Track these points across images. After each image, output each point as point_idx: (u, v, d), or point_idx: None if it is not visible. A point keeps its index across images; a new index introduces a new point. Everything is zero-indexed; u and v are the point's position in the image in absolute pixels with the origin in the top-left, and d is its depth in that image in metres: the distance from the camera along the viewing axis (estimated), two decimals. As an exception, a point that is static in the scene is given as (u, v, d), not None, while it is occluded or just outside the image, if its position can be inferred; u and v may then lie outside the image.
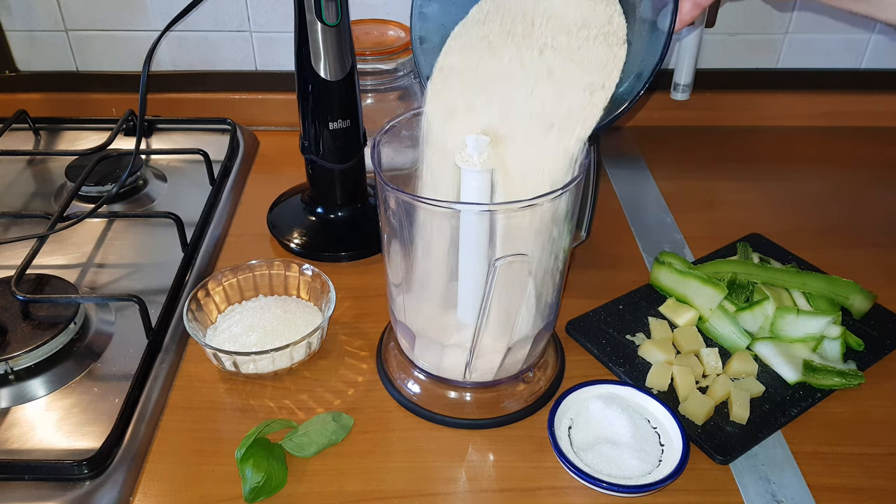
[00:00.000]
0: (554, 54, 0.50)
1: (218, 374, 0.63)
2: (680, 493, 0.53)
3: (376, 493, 0.53)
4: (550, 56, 0.50)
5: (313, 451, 0.55)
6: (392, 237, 0.56)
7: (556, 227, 0.53)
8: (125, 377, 0.61)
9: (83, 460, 0.53)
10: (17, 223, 0.80)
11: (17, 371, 0.61)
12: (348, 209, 0.79)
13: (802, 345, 0.63)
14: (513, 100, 0.50)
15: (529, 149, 0.50)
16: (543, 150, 0.49)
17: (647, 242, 0.79)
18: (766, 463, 0.56)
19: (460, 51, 0.53)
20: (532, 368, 0.61)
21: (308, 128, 0.73)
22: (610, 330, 0.66)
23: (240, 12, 0.94)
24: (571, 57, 0.49)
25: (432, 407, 0.59)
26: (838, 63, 0.99)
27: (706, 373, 0.62)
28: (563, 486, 0.54)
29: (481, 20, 0.53)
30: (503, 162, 0.50)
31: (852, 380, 0.60)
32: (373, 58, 0.80)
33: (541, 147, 0.49)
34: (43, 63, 0.99)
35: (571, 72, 0.49)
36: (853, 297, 0.66)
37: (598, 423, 0.56)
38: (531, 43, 0.50)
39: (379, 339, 0.66)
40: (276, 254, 0.77)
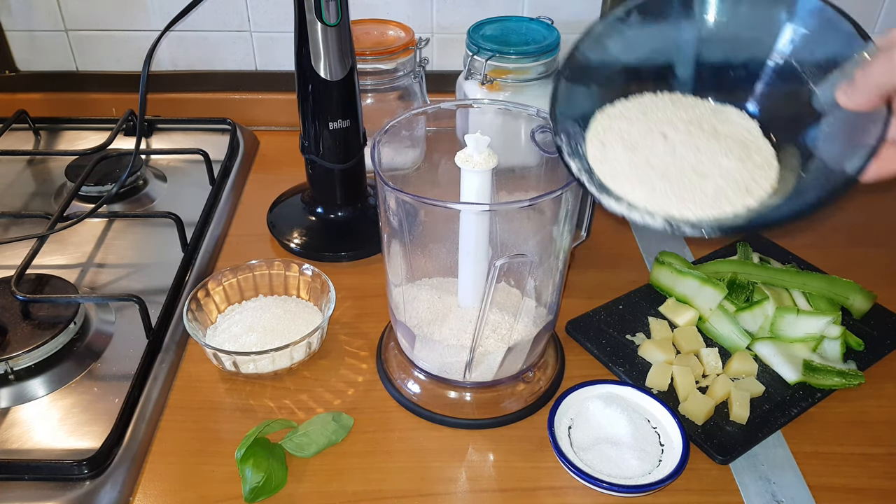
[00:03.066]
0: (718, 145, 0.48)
1: (218, 374, 0.63)
2: (680, 493, 0.53)
3: (376, 492, 0.53)
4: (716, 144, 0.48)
5: (313, 451, 0.55)
6: (392, 237, 0.56)
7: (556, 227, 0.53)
8: (125, 377, 0.61)
9: (83, 460, 0.53)
10: (17, 223, 0.80)
11: (17, 371, 0.61)
12: (348, 209, 0.79)
13: (802, 345, 0.63)
14: (669, 164, 0.48)
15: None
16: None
17: (647, 242, 0.79)
18: (766, 463, 0.56)
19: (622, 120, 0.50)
20: (532, 368, 0.61)
21: (308, 128, 0.73)
22: (610, 330, 0.66)
23: (240, 12, 0.94)
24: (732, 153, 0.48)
25: (432, 407, 0.59)
26: (838, 63, 0.99)
27: (706, 373, 0.62)
28: (563, 486, 0.54)
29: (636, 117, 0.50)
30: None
31: (852, 380, 0.60)
32: (373, 58, 0.80)
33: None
34: (43, 63, 0.98)
35: (732, 164, 0.47)
36: (853, 296, 0.66)
37: (598, 423, 0.56)
38: (696, 138, 0.49)
39: (379, 339, 0.66)
40: (276, 254, 0.77)
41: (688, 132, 0.49)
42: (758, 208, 0.45)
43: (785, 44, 0.48)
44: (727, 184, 0.46)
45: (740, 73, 0.50)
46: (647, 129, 0.49)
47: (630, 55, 0.51)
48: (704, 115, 0.50)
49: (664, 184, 0.46)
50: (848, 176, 0.41)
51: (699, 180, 0.46)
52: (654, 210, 0.44)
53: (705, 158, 0.47)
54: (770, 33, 0.48)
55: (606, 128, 0.49)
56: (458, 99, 0.85)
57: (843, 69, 0.44)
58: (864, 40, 0.43)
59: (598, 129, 0.49)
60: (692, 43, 0.51)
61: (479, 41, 0.78)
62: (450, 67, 0.96)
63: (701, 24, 0.50)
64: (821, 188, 0.42)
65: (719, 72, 0.51)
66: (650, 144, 0.48)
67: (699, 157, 0.47)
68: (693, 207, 0.44)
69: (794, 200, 0.43)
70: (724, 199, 0.45)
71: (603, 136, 0.49)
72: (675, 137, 0.48)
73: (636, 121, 0.50)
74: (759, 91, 0.50)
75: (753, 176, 0.47)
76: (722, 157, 0.47)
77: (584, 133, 0.49)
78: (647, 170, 0.47)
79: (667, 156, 0.47)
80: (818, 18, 0.46)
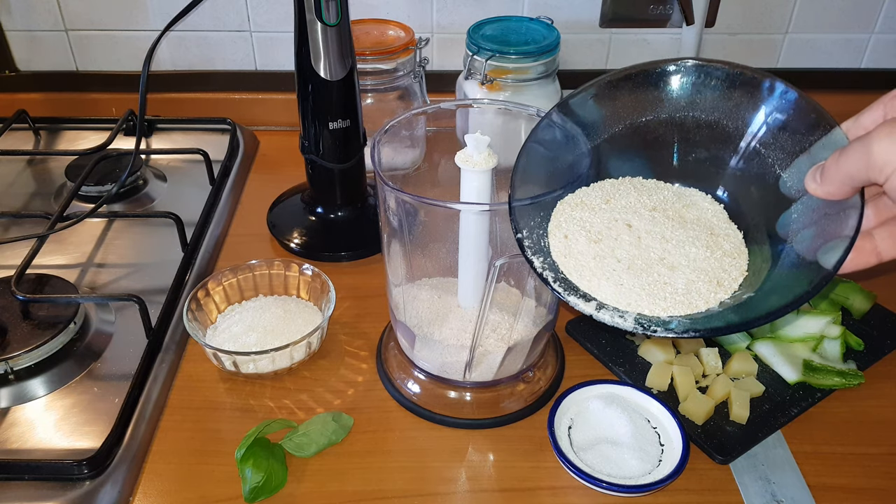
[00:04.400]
0: (685, 239, 0.47)
1: (218, 374, 0.63)
2: (680, 493, 0.53)
3: (376, 492, 0.53)
4: (685, 234, 0.47)
5: (313, 450, 0.55)
6: (392, 237, 0.56)
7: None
8: (125, 377, 0.61)
9: (83, 460, 0.53)
10: (17, 223, 0.80)
11: (17, 371, 0.61)
12: (348, 209, 0.79)
13: (802, 345, 0.63)
14: (635, 256, 0.46)
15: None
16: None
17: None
18: (765, 463, 0.56)
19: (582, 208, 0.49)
20: (532, 368, 0.61)
21: (308, 128, 0.73)
22: (610, 330, 0.66)
23: (240, 12, 0.94)
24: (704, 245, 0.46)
25: (432, 407, 0.59)
26: (838, 63, 0.99)
27: (706, 373, 0.62)
28: (563, 486, 0.54)
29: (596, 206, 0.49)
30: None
31: (852, 380, 0.60)
32: (373, 58, 0.80)
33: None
34: (43, 63, 0.98)
35: (700, 252, 0.46)
36: (853, 296, 0.66)
37: (597, 423, 0.56)
38: (661, 227, 0.47)
39: (379, 339, 0.66)
40: (275, 254, 0.77)
41: (652, 220, 0.47)
42: (731, 302, 0.43)
43: (750, 128, 0.47)
44: (697, 276, 0.44)
45: (703, 156, 0.49)
46: (611, 219, 0.47)
47: (591, 138, 0.50)
48: (669, 199, 0.49)
49: (632, 279, 0.44)
50: (826, 272, 0.39)
51: (668, 273, 0.44)
52: (624, 309, 0.43)
53: (672, 248, 0.46)
54: (735, 117, 0.47)
55: (569, 218, 0.48)
56: (458, 99, 0.85)
57: (811, 154, 0.43)
58: (831, 127, 0.42)
59: (559, 220, 0.48)
60: (655, 126, 0.49)
61: (479, 41, 0.78)
62: (450, 67, 0.96)
63: (660, 109, 0.49)
64: (797, 283, 0.40)
65: (684, 156, 0.50)
66: (615, 235, 0.46)
67: (666, 247, 0.46)
68: (664, 304, 0.43)
69: (771, 297, 0.41)
70: (696, 293, 0.43)
71: (566, 228, 0.47)
72: (639, 226, 0.47)
73: (598, 210, 0.48)
74: (723, 175, 0.48)
75: (723, 265, 0.45)
76: (689, 246, 0.46)
77: (545, 225, 0.47)
78: (613, 263, 0.45)
79: (632, 247, 0.46)
80: (783, 102, 0.45)
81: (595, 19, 0.94)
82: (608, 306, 0.43)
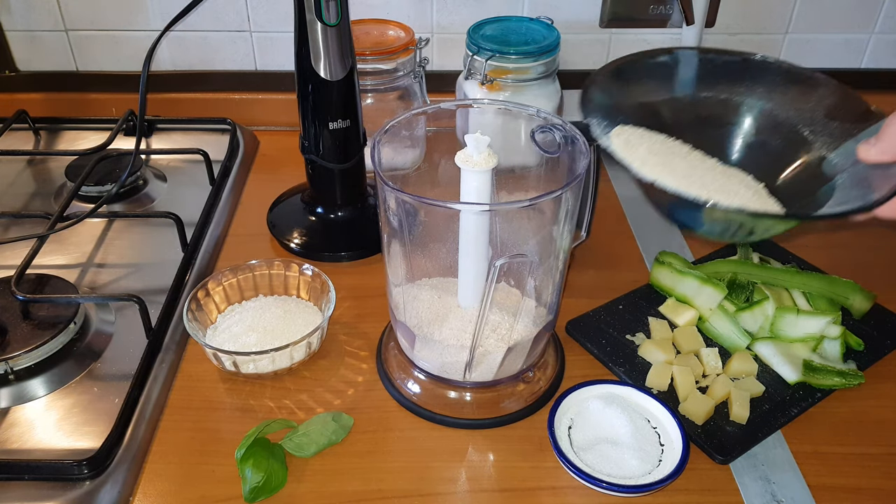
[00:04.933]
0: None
1: (218, 374, 0.63)
2: (680, 493, 0.53)
3: (376, 492, 0.53)
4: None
5: (313, 451, 0.55)
6: (392, 237, 0.56)
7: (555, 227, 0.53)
8: (125, 377, 0.61)
9: (83, 460, 0.53)
10: (17, 223, 0.80)
11: (17, 371, 0.61)
12: (348, 209, 0.79)
13: (802, 345, 0.63)
14: (691, 171, 0.52)
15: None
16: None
17: (647, 242, 0.79)
18: (765, 463, 0.56)
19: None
20: (532, 368, 0.61)
21: (308, 128, 0.73)
22: (610, 330, 0.66)
23: (240, 12, 0.94)
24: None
25: (432, 407, 0.59)
26: (838, 63, 0.99)
27: (706, 373, 0.62)
28: (563, 486, 0.54)
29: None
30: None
31: (852, 380, 0.60)
32: (373, 58, 0.80)
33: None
34: (43, 63, 0.98)
35: (747, 193, 0.52)
36: (853, 296, 0.66)
37: (598, 423, 0.56)
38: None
39: (379, 339, 0.66)
40: (276, 254, 0.77)
41: (703, 161, 0.53)
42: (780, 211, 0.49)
43: (808, 120, 0.53)
44: (748, 192, 0.50)
45: (756, 143, 0.55)
46: (668, 148, 0.52)
47: (665, 93, 0.56)
48: (715, 165, 0.54)
49: (689, 180, 0.49)
50: (869, 202, 0.44)
51: (724, 180, 0.50)
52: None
53: (722, 179, 0.51)
54: (790, 108, 0.54)
55: (630, 133, 0.52)
56: (458, 99, 0.85)
57: (858, 138, 0.49)
58: (880, 118, 0.48)
59: (621, 133, 0.52)
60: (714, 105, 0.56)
61: (479, 41, 0.78)
62: (450, 67, 0.96)
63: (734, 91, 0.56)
64: (843, 204, 0.46)
65: (739, 140, 0.56)
66: (672, 153, 0.51)
67: (715, 177, 0.51)
68: (718, 196, 0.47)
69: (818, 207, 0.48)
70: (747, 199, 0.49)
71: (627, 137, 0.51)
72: (693, 159, 0.52)
73: (657, 140, 0.53)
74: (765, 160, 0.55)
75: (767, 204, 0.51)
76: (738, 186, 0.51)
77: (607, 131, 0.51)
78: (672, 167, 0.50)
79: (687, 167, 0.51)
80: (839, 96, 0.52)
81: (595, 19, 0.94)
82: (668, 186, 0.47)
